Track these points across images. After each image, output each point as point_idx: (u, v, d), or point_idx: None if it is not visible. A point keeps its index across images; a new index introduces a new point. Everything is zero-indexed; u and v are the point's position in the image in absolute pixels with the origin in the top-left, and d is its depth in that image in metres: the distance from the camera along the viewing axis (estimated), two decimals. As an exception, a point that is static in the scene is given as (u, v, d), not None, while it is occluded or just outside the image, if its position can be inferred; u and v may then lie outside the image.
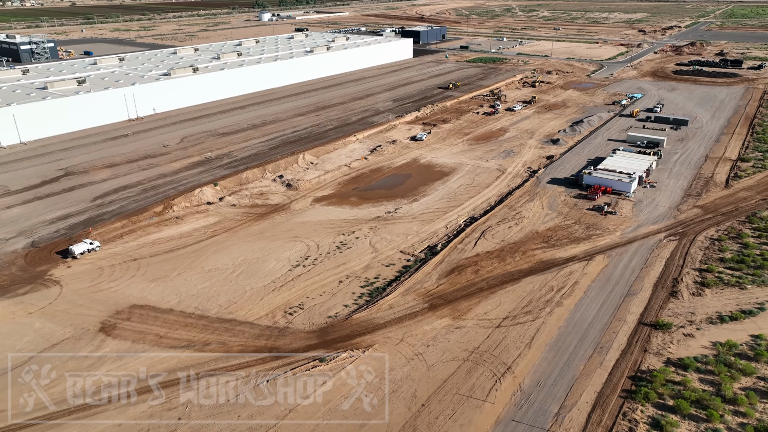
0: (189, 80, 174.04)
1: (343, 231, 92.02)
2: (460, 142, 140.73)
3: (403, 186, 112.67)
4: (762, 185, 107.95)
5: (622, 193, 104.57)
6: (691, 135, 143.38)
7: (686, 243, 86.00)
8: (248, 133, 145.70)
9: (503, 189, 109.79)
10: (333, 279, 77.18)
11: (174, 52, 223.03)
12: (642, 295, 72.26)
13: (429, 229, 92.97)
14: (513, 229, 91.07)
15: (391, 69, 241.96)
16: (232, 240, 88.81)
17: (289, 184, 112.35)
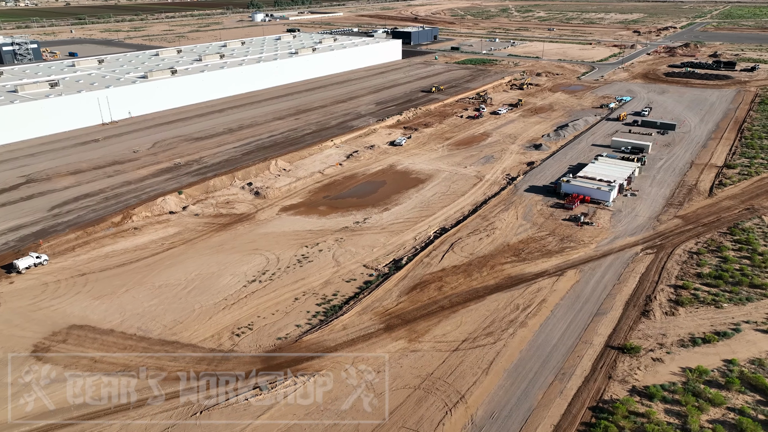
0: (167, 83, 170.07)
1: (306, 243, 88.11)
2: (440, 147, 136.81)
3: (376, 194, 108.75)
4: (746, 194, 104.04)
5: (600, 203, 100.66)
6: (678, 140, 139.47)
7: (663, 256, 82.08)
8: (223, 138, 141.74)
9: (479, 197, 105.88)
10: (289, 296, 73.27)
11: (156, 53, 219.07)
12: (612, 314, 68.34)
13: (397, 240, 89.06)
14: (484, 242, 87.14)
15: (379, 71, 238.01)
16: (189, 253, 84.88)
17: (257, 192, 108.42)
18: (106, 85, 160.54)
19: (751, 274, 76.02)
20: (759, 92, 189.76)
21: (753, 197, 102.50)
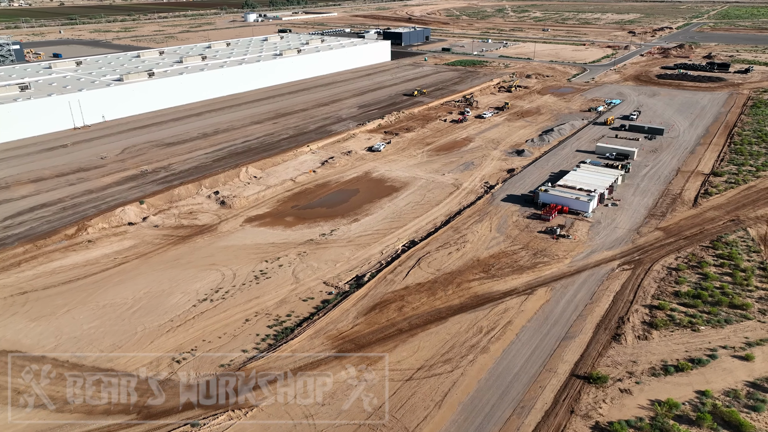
0: (143, 86, 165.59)
1: (267, 257, 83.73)
2: (420, 153, 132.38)
3: (347, 203, 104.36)
4: (732, 204, 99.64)
5: (579, 213, 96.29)
6: (666, 145, 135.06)
7: (640, 273, 77.69)
8: (195, 143, 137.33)
9: (453, 207, 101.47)
10: (240, 317, 68.91)
11: (137, 55, 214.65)
12: (581, 338, 63.96)
13: (362, 255, 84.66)
14: (453, 256, 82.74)
15: (366, 72, 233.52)
16: (141, 268, 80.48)
17: (223, 201, 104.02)
18: (79, 88, 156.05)
19: (731, 293, 71.65)
20: (752, 95, 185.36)
21: (739, 207, 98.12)
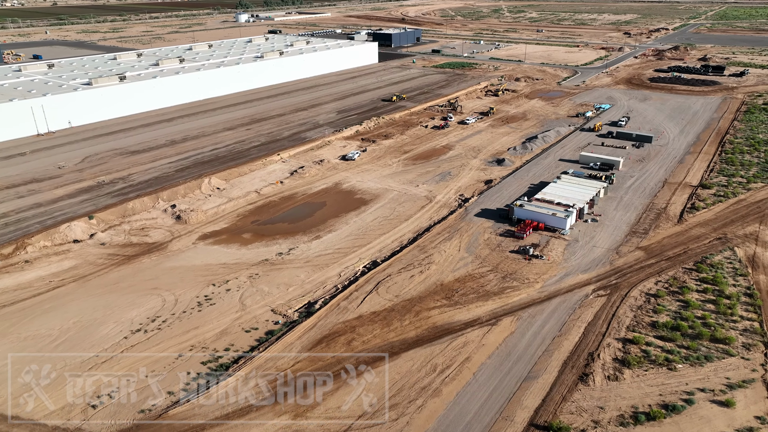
0: (113, 90, 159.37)
1: (216, 280, 77.57)
2: (396, 162, 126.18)
3: (312, 218, 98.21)
4: (719, 220, 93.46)
5: (556, 230, 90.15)
6: (654, 154, 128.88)
7: (616, 300, 71.54)
8: (161, 151, 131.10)
9: (423, 223, 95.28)
10: (173, 351, 62.74)
11: (114, 57, 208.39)
12: (545, 378, 57.79)
13: (319, 277, 78.49)
14: (415, 280, 76.58)
15: (351, 75, 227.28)
16: (77, 293, 74.31)
17: (178, 216, 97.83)
18: (45, 92, 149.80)
19: (713, 325, 65.51)
20: (746, 99, 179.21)
21: (726, 224, 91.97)
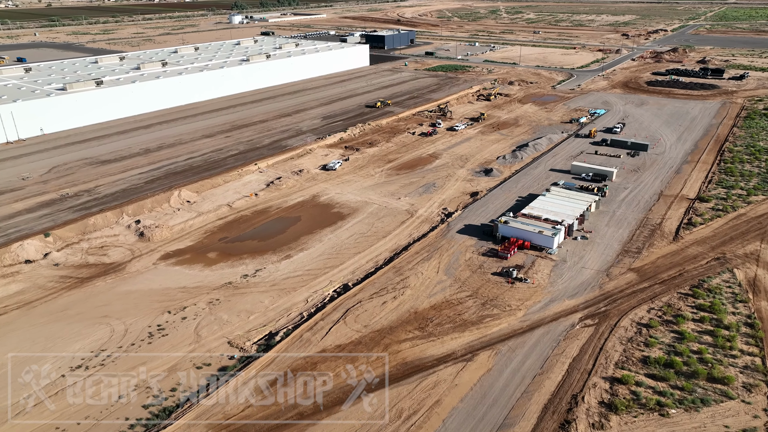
0: (89, 95, 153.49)
1: (172, 306, 71.62)
2: (379, 172, 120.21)
3: (284, 235, 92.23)
4: (718, 237, 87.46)
5: (543, 249, 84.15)
6: (650, 163, 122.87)
7: (605, 331, 65.55)
8: (134, 161, 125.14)
9: (402, 241, 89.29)
10: (114, 391, 56.75)
11: (95, 60, 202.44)
12: (522, 427, 51.75)
13: (284, 303, 72.54)
14: (387, 307, 70.59)
15: (340, 79, 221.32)
16: (18, 323, 68.32)
17: (142, 232, 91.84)
18: (16, 98, 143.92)
19: (711, 361, 59.52)
20: (746, 104, 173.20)
21: (726, 242, 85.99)
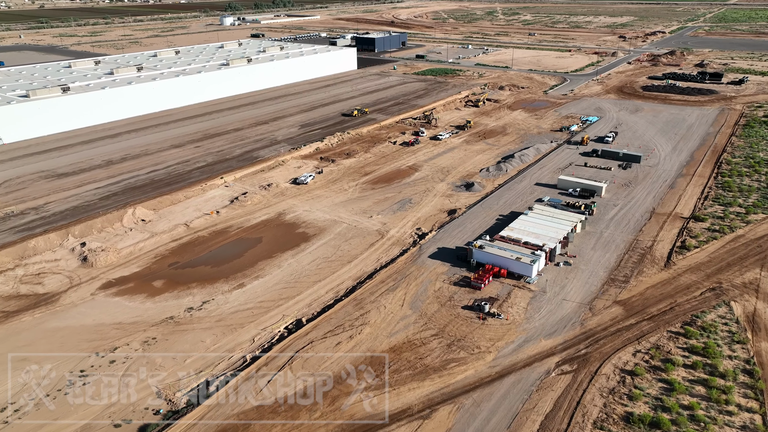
0: (53, 103, 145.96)
1: (103, 346, 63.94)
2: (353, 187, 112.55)
3: (241, 259, 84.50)
4: (714, 263, 79.69)
5: (521, 278, 76.47)
6: (642, 176, 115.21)
7: (584, 379, 57.82)
8: (92, 174, 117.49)
9: (368, 266, 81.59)
10: (13, 457, 49.15)
11: (68, 65, 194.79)
12: (479, 506, 44.17)
13: (228, 343, 64.84)
14: (341, 348, 62.90)
15: (324, 83, 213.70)
16: (-77, 367, 60.68)
17: (86, 257, 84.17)
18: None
19: (703, 419, 51.78)
20: (745, 111, 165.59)
21: (722, 269, 78.28)
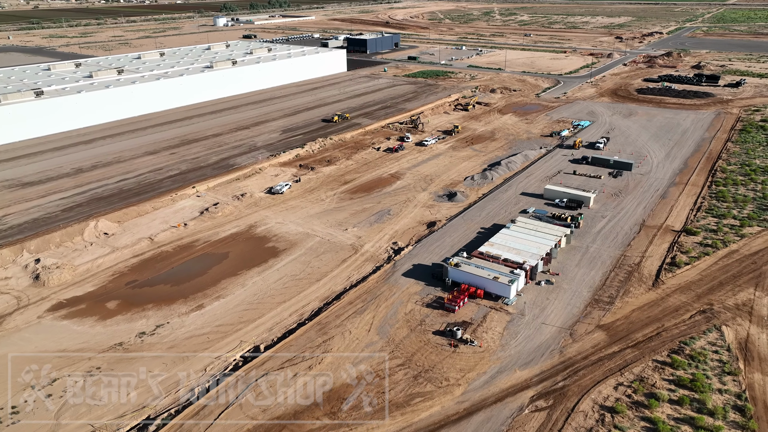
0: (25, 107, 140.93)
1: (37, 380, 58.95)
2: (331, 197, 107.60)
3: (203, 277, 79.52)
4: (705, 281, 74.73)
5: (499, 299, 71.52)
6: (633, 185, 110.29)
7: (560, 417, 52.87)
8: (59, 183, 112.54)
9: (338, 286, 76.63)
10: None
11: (48, 68, 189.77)
12: None
13: (176, 374, 59.84)
14: (298, 381, 57.91)
15: (312, 86, 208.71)
16: None
17: (38, 275, 79.19)
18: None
19: (688, 466, 46.91)
20: (742, 115, 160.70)
21: (714, 288, 73.34)
